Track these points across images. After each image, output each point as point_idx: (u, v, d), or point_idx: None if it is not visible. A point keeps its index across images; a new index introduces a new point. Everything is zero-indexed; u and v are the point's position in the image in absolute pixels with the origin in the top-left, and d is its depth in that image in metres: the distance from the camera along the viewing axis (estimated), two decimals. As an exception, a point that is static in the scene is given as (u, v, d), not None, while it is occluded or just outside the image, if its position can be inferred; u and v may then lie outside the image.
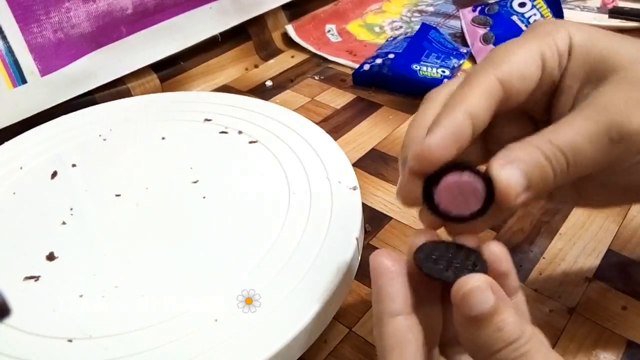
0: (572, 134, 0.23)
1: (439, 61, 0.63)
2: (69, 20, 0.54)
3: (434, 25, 0.73)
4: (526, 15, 0.66)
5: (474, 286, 0.21)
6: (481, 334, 0.20)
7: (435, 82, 0.60)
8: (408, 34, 0.71)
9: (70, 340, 0.31)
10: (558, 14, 0.66)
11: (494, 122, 0.25)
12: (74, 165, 0.47)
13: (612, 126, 0.22)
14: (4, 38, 0.50)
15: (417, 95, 0.61)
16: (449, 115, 0.23)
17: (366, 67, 0.64)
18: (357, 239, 0.37)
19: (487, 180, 0.23)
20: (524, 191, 0.23)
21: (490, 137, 0.28)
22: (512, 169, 0.22)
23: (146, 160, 0.47)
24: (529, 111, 0.27)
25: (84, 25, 0.55)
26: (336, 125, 0.58)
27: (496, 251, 0.23)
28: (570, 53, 0.25)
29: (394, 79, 0.61)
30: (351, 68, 0.67)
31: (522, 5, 0.67)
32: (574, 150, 0.23)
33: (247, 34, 0.74)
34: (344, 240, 0.37)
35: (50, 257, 0.37)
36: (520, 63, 0.24)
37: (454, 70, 0.63)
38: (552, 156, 0.23)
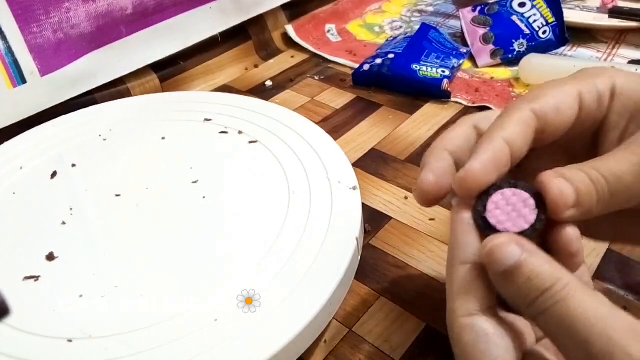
0: (615, 164, 0.24)
1: (439, 61, 0.63)
2: (69, 20, 0.54)
3: (434, 25, 0.73)
4: (526, 15, 0.66)
5: (498, 243, 0.21)
6: (513, 287, 0.21)
7: (435, 82, 0.60)
8: (408, 34, 0.71)
9: (70, 340, 0.31)
10: (558, 14, 0.66)
11: (527, 154, 0.26)
12: (73, 165, 0.47)
13: None
14: (4, 38, 0.50)
15: (417, 95, 0.61)
16: (488, 142, 0.24)
17: (366, 67, 0.64)
18: (357, 239, 0.37)
19: (536, 194, 0.24)
20: (573, 206, 0.23)
21: (523, 169, 0.28)
22: (563, 181, 0.23)
23: (146, 160, 0.47)
24: (570, 148, 0.28)
25: (83, 25, 0.55)
26: (336, 125, 0.58)
27: (569, 232, 0.24)
28: (613, 94, 0.26)
29: (394, 79, 0.61)
30: (351, 68, 0.67)
31: (522, 5, 0.67)
32: (616, 178, 0.23)
33: (247, 34, 0.74)
34: (344, 240, 0.37)
35: (50, 257, 0.37)
36: (554, 97, 0.26)
37: (453, 70, 0.63)
38: (596, 180, 0.23)
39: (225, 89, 0.66)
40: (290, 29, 0.75)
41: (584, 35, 0.70)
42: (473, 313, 0.22)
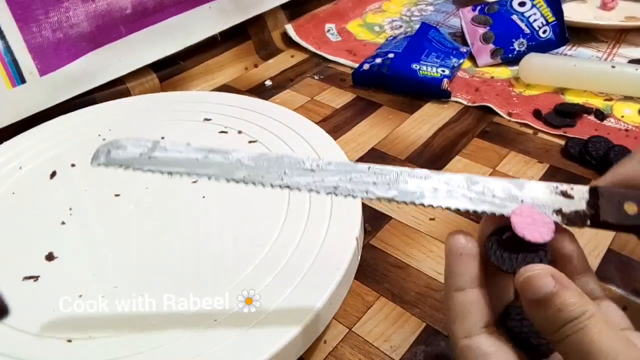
0: None
1: (438, 60, 0.63)
2: (68, 19, 0.54)
3: (434, 25, 0.73)
4: (526, 15, 0.66)
5: (534, 273, 0.23)
6: (543, 314, 0.22)
7: (435, 82, 0.60)
8: (408, 34, 0.71)
9: (70, 340, 0.31)
10: (558, 13, 0.66)
11: None
12: (73, 165, 0.47)
13: None
14: (3, 38, 0.50)
15: (417, 95, 0.61)
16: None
17: (366, 66, 0.64)
18: (357, 239, 0.37)
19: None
20: None
21: None
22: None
23: (146, 160, 0.47)
24: None
25: (83, 25, 0.55)
26: (336, 124, 0.58)
27: (561, 236, 0.25)
28: None
29: (394, 79, 0.61)
30: (351, 68, 0.67)
31: (522, 4, 0.67)
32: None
33: (247, 34, 0.73)
34: (344, 240, 0.37)
35: (50, 257, 0.37)
36: None
37: (453, 70, 0.63)
38: None
39: (224, 88, 0.66)
40: (290, 29, 0.75)
41: (584, 34, 0.70)
42: (471, 334, 0.24)
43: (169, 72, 0.66)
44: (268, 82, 0.66)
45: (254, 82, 0.67)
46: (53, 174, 0.46)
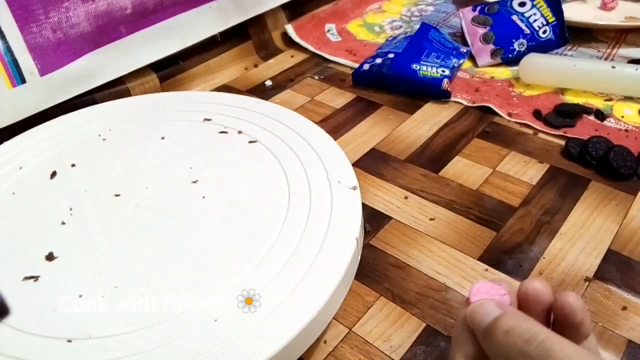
0: None
1: (439, 61, 0.63)
2: (68, 20, 0.54)
3: (434, 25, 0.73)
4: (526, 15, 0.66)
5: (477, 303, 0.23)
6: (495, 343, 0.22)
7: (435, 82, 0.60)
8: (408, 34, 0.71)
9: (69, 341, 0.31)
10: (558, 13, 0.66)
11: None
12: (73, 165, 0.47)
13: None
14: (3, 38, 0.50)
15: (417, 95, 0.61)
16: None
17: (366, 66, 0.64)
18: (357, 239, 0.37)
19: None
20: None
21: None
22: None
23: (146, 160, 0.47)
24: None
25: (83, 25, 0.55)
26: (336, 125, 0.58)
27: (571, 302, 0.24)
28: None
29: (394, 79, 0.61)
30: (351, 68, 0.67)
31: (522, 4, 0.67)
32: None
33: (247, 34, 0.73)
34: (344, 240, 0.37)
35: (50, 257, 0.37)
36: None
37: (454, 70, 0.63)
38: None
39: (225, 88, 0.66)
40: (290, 29, 0.75)
41: (585, 34, 0.70)
42: None
43: (169, 72, 0.66)
44: (268, 82, 0.66)
45: (254, 82, 0.67)
46: (53, 174, 0.46)
